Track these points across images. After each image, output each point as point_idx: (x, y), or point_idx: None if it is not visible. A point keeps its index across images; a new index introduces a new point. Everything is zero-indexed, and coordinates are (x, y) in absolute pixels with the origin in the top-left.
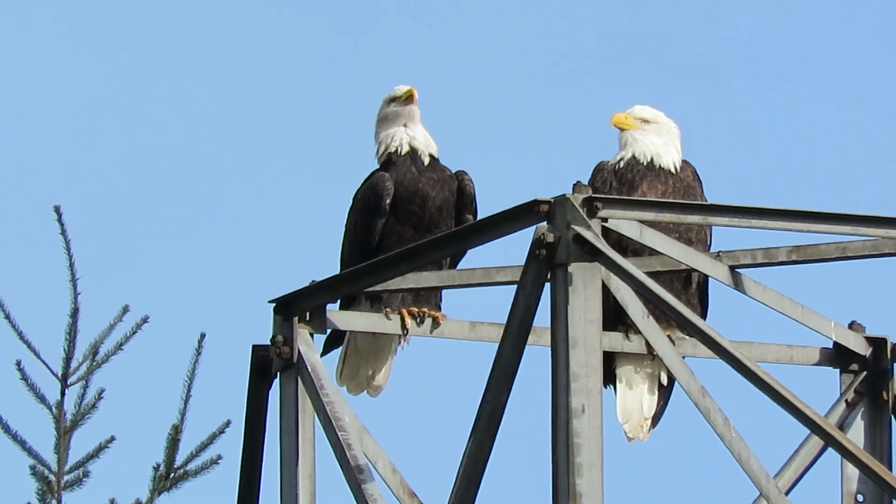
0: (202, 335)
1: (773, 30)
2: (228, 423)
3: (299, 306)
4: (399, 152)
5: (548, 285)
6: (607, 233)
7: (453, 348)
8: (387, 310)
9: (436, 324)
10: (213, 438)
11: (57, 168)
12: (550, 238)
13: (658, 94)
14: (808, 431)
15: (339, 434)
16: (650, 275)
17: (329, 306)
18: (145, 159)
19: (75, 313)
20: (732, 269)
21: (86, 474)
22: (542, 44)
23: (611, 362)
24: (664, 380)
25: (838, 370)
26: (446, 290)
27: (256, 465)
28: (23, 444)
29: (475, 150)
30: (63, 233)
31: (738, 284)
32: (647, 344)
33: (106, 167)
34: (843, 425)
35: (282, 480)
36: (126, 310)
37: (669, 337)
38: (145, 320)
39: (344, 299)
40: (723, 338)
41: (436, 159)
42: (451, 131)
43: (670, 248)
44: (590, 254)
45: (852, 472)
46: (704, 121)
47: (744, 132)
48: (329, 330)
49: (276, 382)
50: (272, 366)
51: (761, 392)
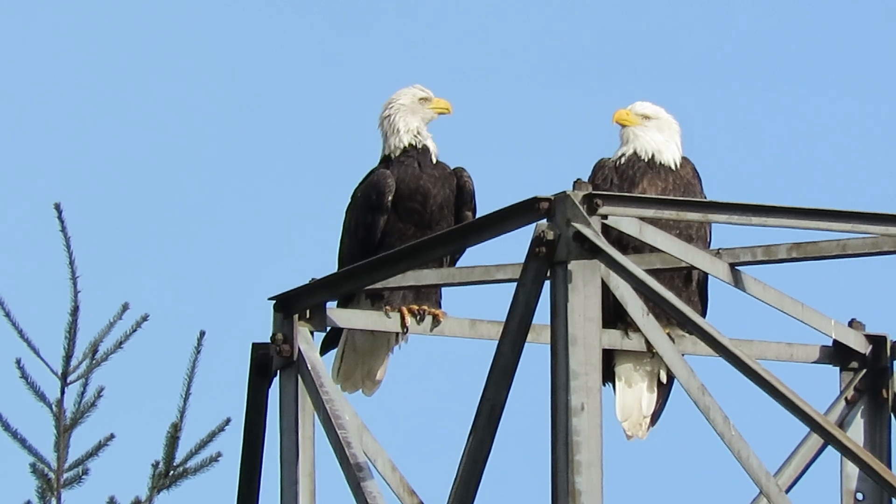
0: (202, 333)
1: (773, 30)
2: (228, 421)
3: (299, 304)
4: (416, 145)
5: (547, 283)
6: (607, 230)
7: (453, 346)
8: (387, 307)
9: (436, 321)
10: (212, 436)
11: (57, 166)
12: (550, 235)
13: (658, 93)
14: (808, 429)
15: (338, 432)
16: (650, 272)
17: (329, 304)
18: (145, 158)
19: (75, 311)
20: (732, 266)
21: (85, 472)
22: (542, 43)
23: (610, 360)
24: (663, 378)
25: (838, 368)
26: (446, 288)
27: (256, 463)
28: (23, 441)
29: (475, 148)
30: (63, 231)
31: (737, 282)
32: (647, 342)
33: (106, 166)
34: (842, 423)
35: (282, 478)
36: (126, 308)
37: (669, 335)
38: (145, 318)
39: (343, 297)
40: (722, 335)
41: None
42: (451, 129)
43: (670, 246)
44: (590, 251)
45: (852, 470)
46: (704, 120)
47: (744, 131)
48: (329, 328)
49: (276, 380)
50: (272, 364)
51: (761, 390)
